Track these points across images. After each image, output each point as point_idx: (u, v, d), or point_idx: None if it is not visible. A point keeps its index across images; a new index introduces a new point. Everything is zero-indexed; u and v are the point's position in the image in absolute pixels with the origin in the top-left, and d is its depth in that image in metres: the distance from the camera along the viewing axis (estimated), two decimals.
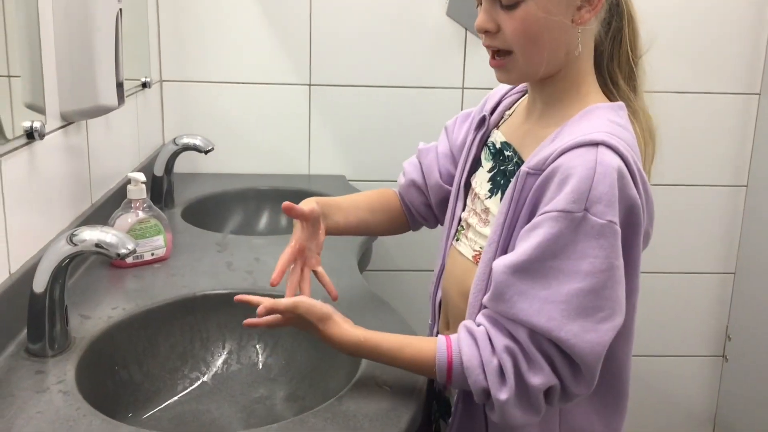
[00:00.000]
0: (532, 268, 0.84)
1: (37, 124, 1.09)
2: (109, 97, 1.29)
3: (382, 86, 2.08)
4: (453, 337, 0.90)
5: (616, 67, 0.97)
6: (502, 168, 1.01)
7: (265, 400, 1.14)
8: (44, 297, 0.97)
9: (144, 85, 1.81)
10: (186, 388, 1.14)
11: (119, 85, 1.33)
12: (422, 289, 2.09)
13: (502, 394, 0.85)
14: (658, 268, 2.26)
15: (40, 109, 1.15)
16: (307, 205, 1.09)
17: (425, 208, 1.20)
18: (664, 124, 1.02)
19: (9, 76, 1.05)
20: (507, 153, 1.01)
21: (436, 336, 0.92)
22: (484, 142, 1.07)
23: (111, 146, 1.56)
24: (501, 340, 0.86)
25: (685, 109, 2.16)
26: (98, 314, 1.12)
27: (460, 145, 1.15)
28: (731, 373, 2.35)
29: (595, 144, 0.84)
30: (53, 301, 0.98)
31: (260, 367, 1.19)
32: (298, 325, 0.96)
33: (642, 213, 0.87)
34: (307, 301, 0.95)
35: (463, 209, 1.07)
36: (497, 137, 1.04)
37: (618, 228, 0.83)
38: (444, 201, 1.15)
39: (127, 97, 1.52)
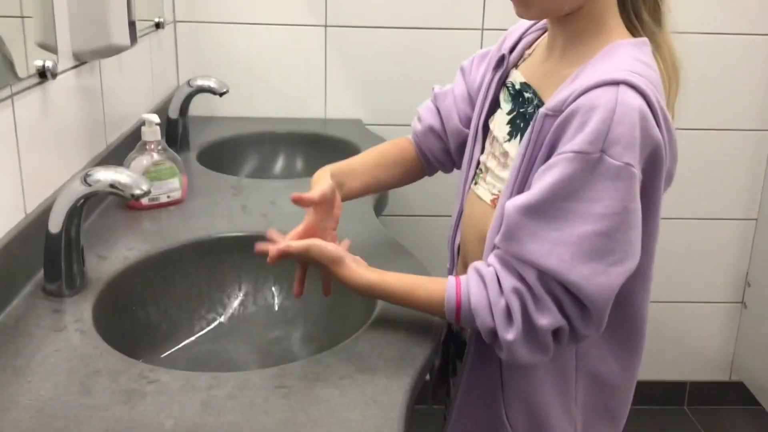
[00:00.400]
0: (543, 209, 0.83)
1: (49, 63, 1.07)
2: (122, 36, 1.28)
3: (400, 27, 2.04)
4: (463, 278, 0.90)
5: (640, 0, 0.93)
6: (521, 111, 0.98)
7: (281, 341, 1.14)
8: (60, 237, 0.97)
9: (157, 25, 1.78)
10: (203, 329, 1.15)
11: (131, 24, 1.31)
12: (439, 234, 2.08)
13: (509, 335, 0.85)
14: (679, 213, 2.23)
15: (52, 49, 1.13)
16: (319, 188, 1.03)
17: (443, 154, 1.18)
18: (689, 65, 0.99)
19: (22, 17, 1.04)
20: (527, 95, 0.98)
21: None
22: (502, 83, 1.04)
23: (125, 87, 1.54)
24: (509, 281, 0.85)
25: (712, 51, 2.10)
26: (115, 255, 1.12)
27: (478, 86, 1.11)
28: (750, 319, 2.34)
29: (617, 83, 0.82)
30: (69, 241, 0.98)
31: (276, 309, 1.19)
32: (313, 265, 0.96)
33: (664, 153, 0.85)
34: (319, 244, 0.94)
35: (482, 152, 1.05)
36: (516, 77, 1.01)
37: (636, 171, 0.81)
38: (462, 145, 1.13)
39: (140, 37, 1.49)
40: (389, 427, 0.75)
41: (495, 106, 1.05)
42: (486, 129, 1.06)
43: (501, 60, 1.05)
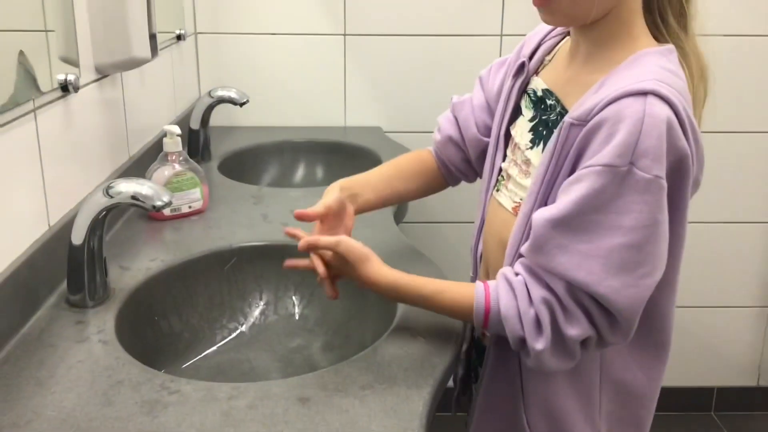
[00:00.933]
0: (572, 222, 0.82)
1: (71, 77, 1.09)
2: (143, 49, 1.29)
3: (418, 35, 2.04)
4: (491, 283, 0.90)
5: (666, 4, 0.91)
6: (543, 118, 0.97)
7: (302, 350, 1.15)
8: (83, 249, 0.98)
9: (179, 37, 1.80)
10: (224, 338, 1.15)
11: (152, 37, 1.32)
12: (459, 241, 2.08)
13: (539, 344, 0.85)
14: (703, 217, 2.20)
15: (74, 62, 1.15)
16: (323, 201, 1.04)
17: (464, 164, 1.17)
18: (716, 68, 0.97)
19: (46, 31, 1.05)
20: (549, 101, 0.97)
21: None
22: (523, 90, 1.04)
23: (146, 99, 1.56)
24: (538, 291, 0.85)
25: (734, 53, 2.08)
26: (137, 266, 1.13)
27: (496, 94, 1.11)
28: None
29: (644, 93, 0.81)
30: (92, 252, 0.99)
31: (297, 318, 1.20)
32: (338, 266, 0.96)
33: (691, 162, 0.84)
34: (347, 240, 0.95)
35: (503, 159, 1.05)
36: (538, 84, 1.00)
37: (664, 183, 0.81)
38: (483, 154, 1.12)
39: (161, 50, 1.51)
40: None
41: (516, 113, 1.04)
42: (507, 136, 1.05)
43: (521, 67, 1.04)
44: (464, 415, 1.17)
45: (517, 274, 0.88)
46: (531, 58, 1.04)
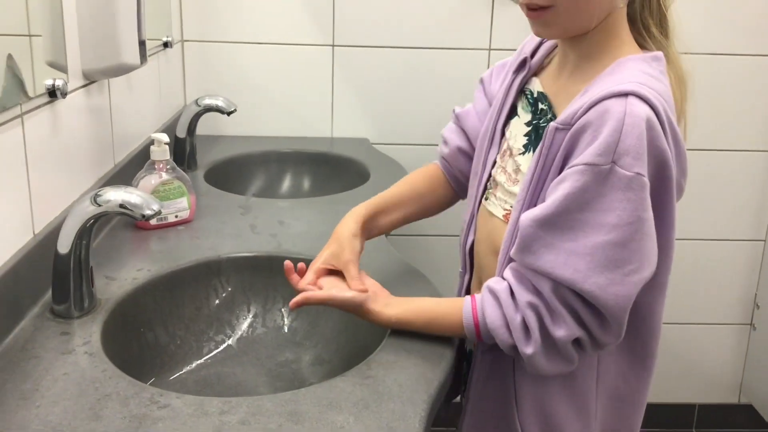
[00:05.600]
0: (558, 222, 0.83)
1: (59, 83, 1.07)
2: (132, 55, 1.27)
3: (407, 47, 2.04)
4: (477, 297, 0.92)
5: (648, 14, 0.93)
6: (535, 123, 0.98)
7: (290, 363, 1.13)
8: (69, 258, 0.96)
9: (165, 44, 1.78)
10: (211, 351, 1.13)
11: (141, 44, 1.31)
12: (446, 253, 2.07)
13: (529, 349, 0.86)
14: (687, 234, 2.22)
15: (62, 68, 1.13)
16: (329, 259, 1.03)
17: None
18: (696, 86, 0.98)
19: (30, 35, 1.03)
20: (542, 106, 0.98)
21: (467, 288, 0.96)
22: (521, 89, 1.03)
23: (133, 107, 1.54)
24: (524, 296, 0.86)
25: (717, 72, 2.10)
26: (123, 276, 1.11)
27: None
28: (759, 341, 2.32)
29: (625, 94, 0.82)
30: (78, 261, 0.97)
31: (285, 330, 1.18)
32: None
33: (672, 164, 0.85)
34: (335, 297, 0.96)
35: (497, 154, 1.04)
36: (535, 86, 1.01)
37: (646, 180, 0.82)
38: None
39: (149, 57, 1.49)
40: None
41: (512, 113, 1.03)
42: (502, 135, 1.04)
43: (523, 63, 1.03)
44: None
45: (504, 281, 0.89)
46: (533, 56, 1.04)
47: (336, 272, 1.02)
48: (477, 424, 1.03)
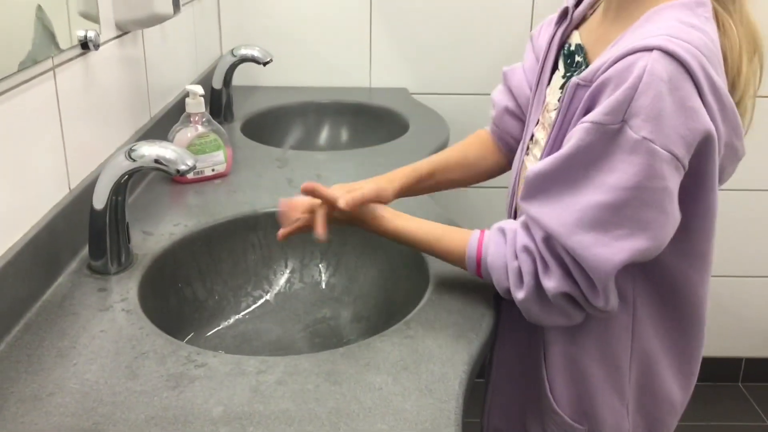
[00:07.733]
0: (561, 176, 0.81)
1: (91, 34, 1.04)
2: (165, 4, 1.24)
3: None
4: (487, 232, 0.90)
5: None
6: (568, 76, 0.93)
7: (328, 320, 1.11)
8: (104, 213, 0.95)
9: None
10: (249, 306, 1.12)
11: None
12: (491, 208, 2.02)
13: (519, 294, 0.85)
14: (736, 185, 2.13)
15: (94, 18, 1.10)
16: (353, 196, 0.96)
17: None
18: None
19: None
20: (578, 58, 0.93)
21: None
22: (563, 42, 0.98)
23: (168, 58, 1.51)
24: (523, 240, 0.85)
25: None
26: (160, 231, 1.10)
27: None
28: None
29: (650, 49, 0.76)
30: (114, 217, 0.96)
31: (323, 286, 1.16)
32: (340, 219, 0.97)
33: (709, 124, 0.77)
34: (346, 198, 0.93)
35: (541, 110, 1.00)
36: (574, 38, 0.96)
37: (654, 146, 0.75)
38: None
39: (182, 6, 1.46)
40: (446, 418, 0.72)
41: (555, 67, 0.99)
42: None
43: (564, 14, 0.98)
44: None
45: (515, 224, 0.88)
46: (578, 5, 0.98)
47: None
48: (504, 374, 1.03)
